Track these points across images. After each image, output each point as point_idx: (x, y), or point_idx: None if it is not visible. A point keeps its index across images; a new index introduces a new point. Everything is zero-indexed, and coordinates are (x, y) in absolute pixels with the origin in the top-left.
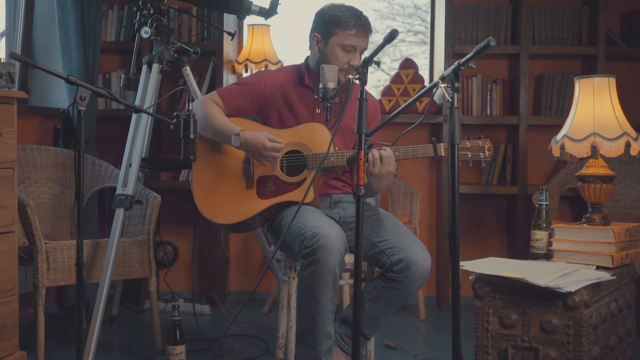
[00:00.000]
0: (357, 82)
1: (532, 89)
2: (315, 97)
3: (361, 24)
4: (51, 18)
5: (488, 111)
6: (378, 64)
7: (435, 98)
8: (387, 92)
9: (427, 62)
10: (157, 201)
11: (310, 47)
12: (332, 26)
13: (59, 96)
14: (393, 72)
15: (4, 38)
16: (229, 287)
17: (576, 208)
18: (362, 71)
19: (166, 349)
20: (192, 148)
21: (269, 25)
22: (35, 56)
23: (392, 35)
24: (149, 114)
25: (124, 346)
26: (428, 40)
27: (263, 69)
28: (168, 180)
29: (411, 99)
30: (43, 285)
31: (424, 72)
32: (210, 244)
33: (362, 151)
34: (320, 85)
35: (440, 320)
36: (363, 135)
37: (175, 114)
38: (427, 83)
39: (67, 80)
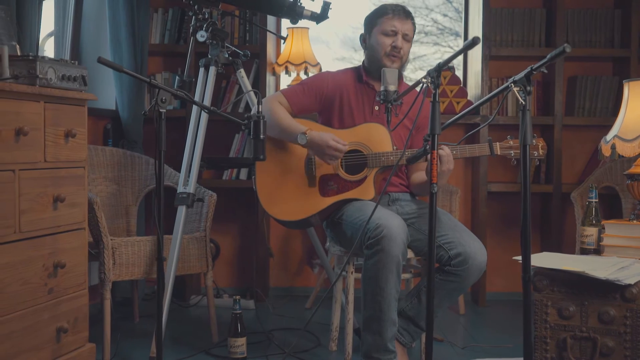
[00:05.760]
0: (431, 85)
1: (565, 90)
2: (377, 99)
3: (397, 9)
4: (98, 20)
5: None
6: (452, 69)
7: (470, 98)
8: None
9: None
10: (213, 199)
11: (363, 50)
12: (372, 19)
13: (105, 97)
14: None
15: (52, 38)
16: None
17: (608, 206)
18: (434, 75)
19: (228, 341)
20: (262, 148)
21: (308, 28)
22: (84, 57)
23: (473, 42)
24: (221, 115)
25: (179, 339)
26: (439, 41)
27: (320, 71)
28: (210, 179)
29: (483, 99)
30: (110, 279)
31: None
32: (252, 240)
33: (436, 151)
34: (382, 88)
35: (478, 314)
36: (436, 136)
37: (246, 115)
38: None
39: (149, 84)
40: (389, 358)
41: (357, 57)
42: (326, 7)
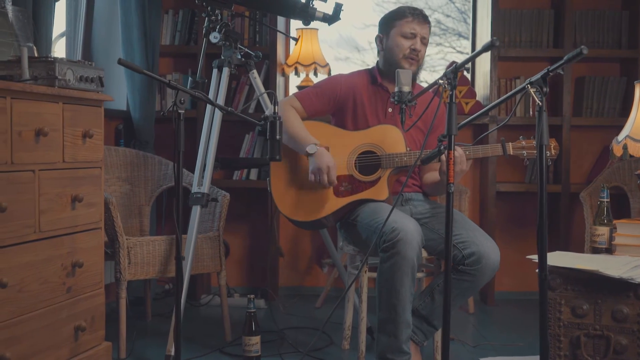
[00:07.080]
0: (448, 87)
1: (573, 91)
2: (391, 100)
3: (416, 12)
4: (109, 21)
5: (531, 112)
6: (468, 69)
7: (479, 99)
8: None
9: (441, 62)
10: (227, 199)
11: (378, 51)
12: (390, 21)
13: (117, 98)
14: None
15: (63, 39)
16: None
17: (616, 205)
18: (451, 76)
19: (242, 339)
20: (278, 148)
21: (317, 29)
22: (95, 58)
23: (492, 44)
24: (239, 115)
25: (193, 338)
26: (442, 42)
27: (334, 73)
28: (220, 179)
29: (500, 99)
30: (125, 279)
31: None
32: (262, 240)
33: (452, 151)
34: (396, 89)
35: (487, 313)
36: (452, 136)
37: (262, 115)
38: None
39: (168, 85)
40: (403, 359)
41: (360, 57)
42: (338, 8)
